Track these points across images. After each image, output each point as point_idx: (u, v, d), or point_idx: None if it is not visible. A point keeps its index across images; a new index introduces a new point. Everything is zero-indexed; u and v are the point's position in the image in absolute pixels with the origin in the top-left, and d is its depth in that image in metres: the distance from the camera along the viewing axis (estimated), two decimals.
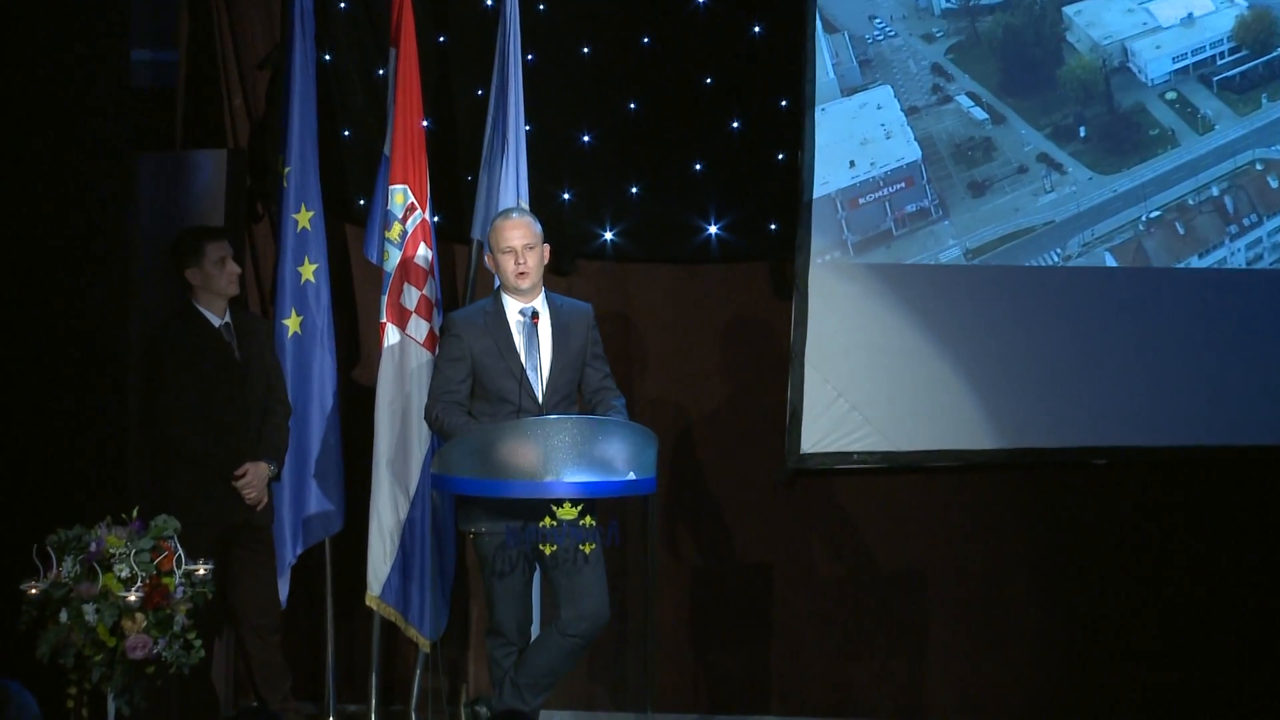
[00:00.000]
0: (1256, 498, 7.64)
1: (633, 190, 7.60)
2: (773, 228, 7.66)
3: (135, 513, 5.61)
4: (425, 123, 7.07)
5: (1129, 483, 7.76)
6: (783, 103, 7.64)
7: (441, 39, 7.40)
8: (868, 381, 7.59)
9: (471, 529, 6.03)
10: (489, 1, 7.37)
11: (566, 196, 7.54)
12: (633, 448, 5.89)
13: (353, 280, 7.41)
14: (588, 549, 5.89)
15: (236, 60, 7.26)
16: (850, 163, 7.61)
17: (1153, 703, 7.61)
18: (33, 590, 5.42)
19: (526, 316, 6.10)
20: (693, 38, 7.59)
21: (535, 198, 7.03)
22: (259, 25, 7.28)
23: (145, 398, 6.54)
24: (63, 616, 5.40)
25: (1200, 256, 7.75)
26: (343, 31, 7.30)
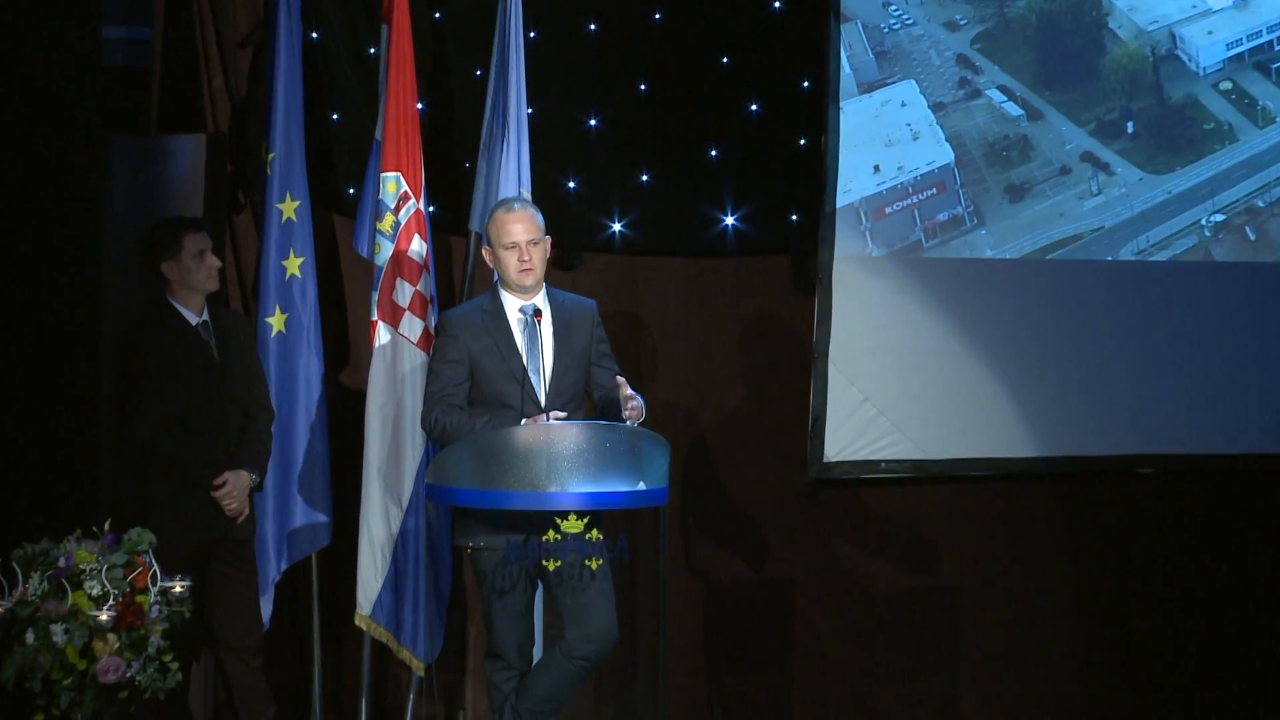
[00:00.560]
0: None
1: (643, 178, 7.61)
2: (794, 219, 7.67)
3: (107, 525, 5.59)
4: (420, 105, 7.03)
5: (1178, 493, 7.77)
6: (805, 84, 7.64)
7: (437, 15, 7.40)
8: (896, 384, 7.59)
9: (469, 543, 5.99)
10: None
11: (571, 185, 7.55)
12: (643, 455, 5.84)
13: (341, 275, 7.39)
14: (594, 564, 5.86)
15: (217, 38, 7.22)
16: (874, 167, 7.57)
17: None
18: None
19: (528, 314, 6.06)
20: (708, 14, 7.60)
21: (538, 187, 7.03)
22: (241, 0, 7.22)
23: (118, 401, 6.51)
24: (29, 637, 5.36)
25: None
26: (331, 7, 7.28)
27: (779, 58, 7.62)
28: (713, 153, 7.63)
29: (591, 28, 7.53)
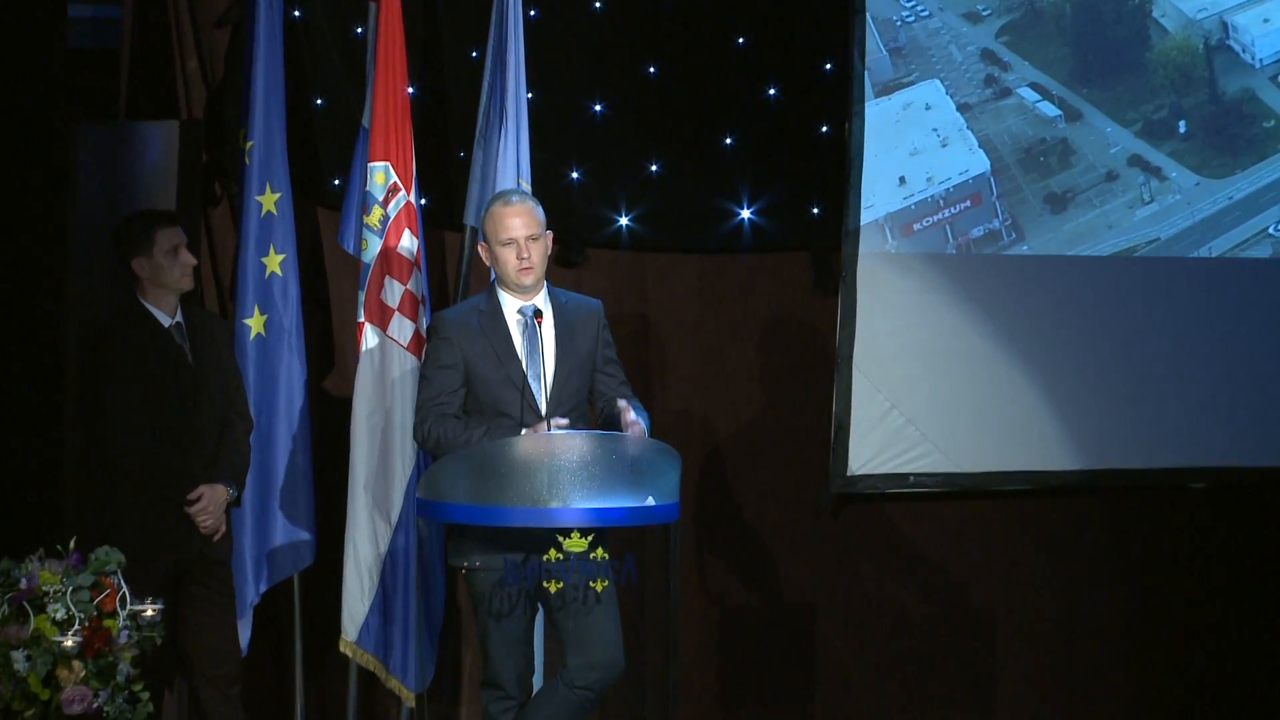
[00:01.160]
0: None
1: (652, 169, 7.62)
2: (815, 211, 7.67)
3: (73, 544, 5.50)
4: (411, 90, 7.04)
5: (1231, 510, 7.76)
6: (827, 66, 7.64)
7: None
8: (925, 391, 7.58)
9: (464, 563, 5.96)
10: None
11: (575, 176, 7.56)
12: (652, 468, 5.82)
13: (326, 273, 7.39)
14: (599, 586, 5.83)
15: (191, 16, 7.22)
16: (899, 179, 7.54)
17: None
18: None
19: (527, 315, 6.04)
20: None
21: (538, 178, 7.02)
22: None
23: (83, 409, 6.48)
24: None
25: None
26: None
27: (799, 38, 7.62)
28: (727, 141, 7.63)
29: (596, 6, 7.55)
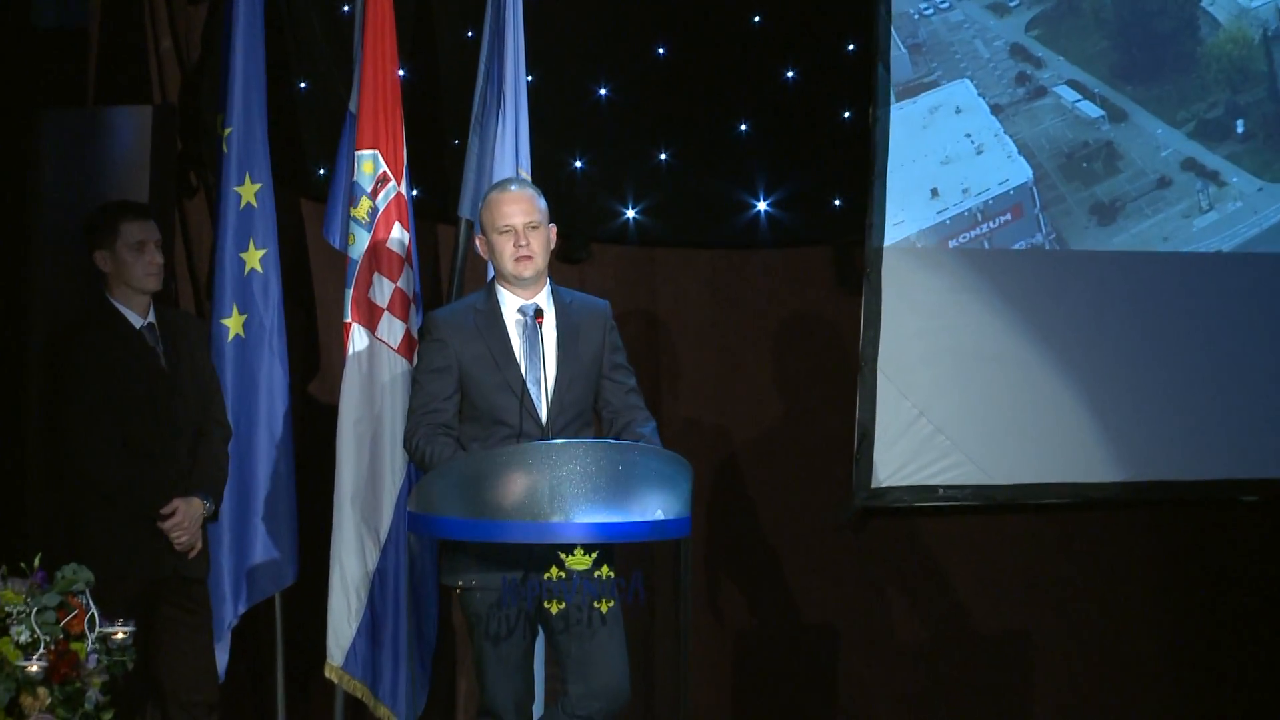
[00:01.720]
0: None
1: (661, 157, 7.64)
2: (836, 203, 7.69)
3: (37, 562, 5.50)
4: (401, 72, 7.04)
5: None
6: (849, 47, 7.65)
7: None
8: (956, 397, 7.59)
9: (458, 582, 5.94)
10: None
11: (578, 165, 7.58)
12: (662, 480, 5.81)
13: (310, 269, 7.40)
14: (604, 607, 5.81)
15: None
16: (932, 191, 7.54)
17: None
18: None
19: (528, 315, 6.02)
20: None
21: (539, 167, 7.02)
22: None
23: (48, 417, 6.48)
24: None
25: None
26: None
27: (819, 17, 7.63)
28: (742, 127, 7.65)
29: None
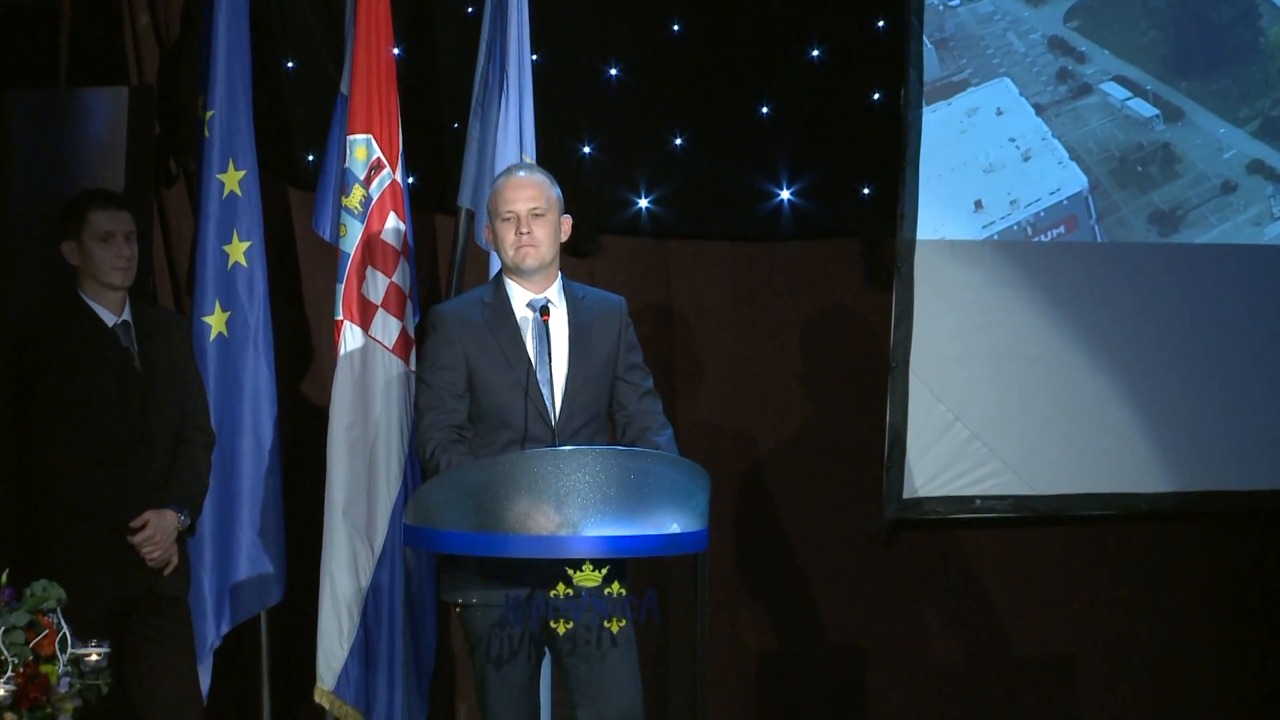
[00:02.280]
0: None
1: (676, 142, 7.65)
2: (865, 192, 7.70)
3: (4, 577, 5.47)
4: (396, 51, 7.04)
5: None
6: (879, 23, 7.66)
7: None
8: (994, 401, 7.60)
9: (459, 599, 5.92)
10: None
11: (587, 151, 7.60)
12: (677, 490, 5.76)
13: (298, 263, 7.41)
14: (615, 627, 5.78)
15: None
16: (975, 204, 7.54)
17: None
18: None
19: (535, 310, 5.97)
20: None
21: (545, 153, 7.01)
22: None
23: (13, 423, 6.43)
24: None
25: None
26: None
27: None
28: (764, 110, 7.66)
29: None
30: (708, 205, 7.63)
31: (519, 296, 6.01)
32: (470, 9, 7.31)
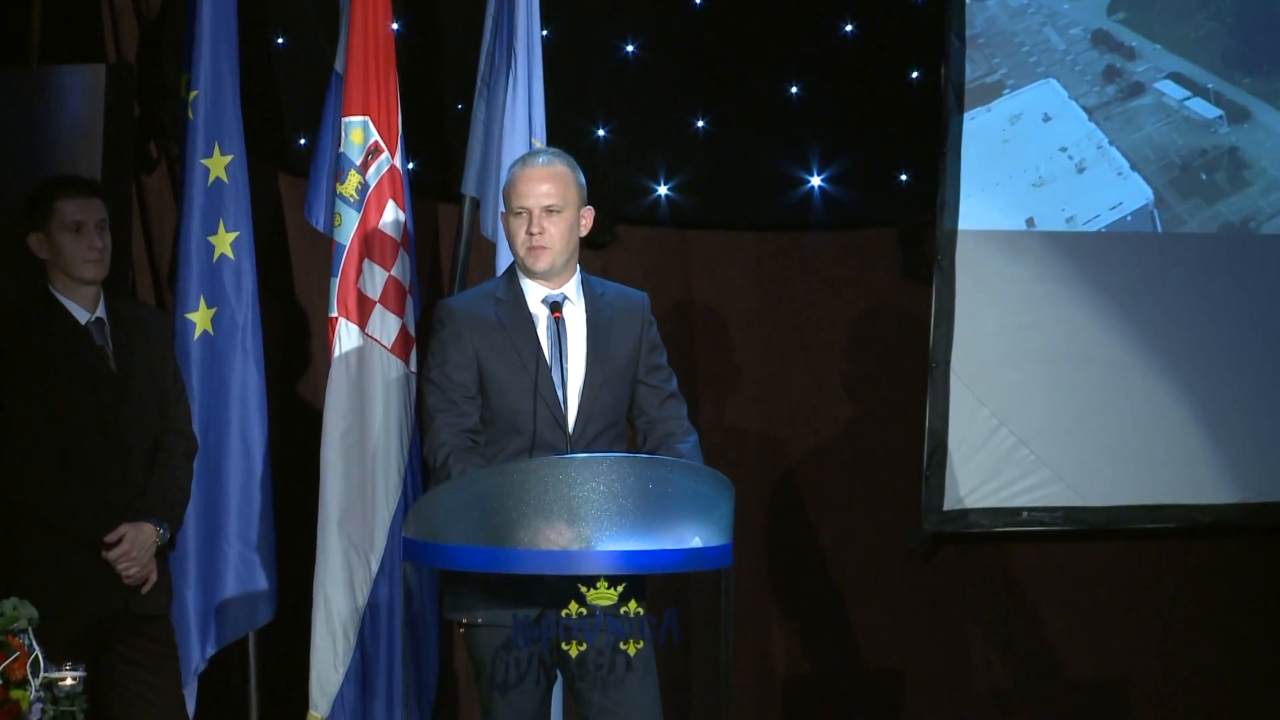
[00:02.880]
0: None
1: (698, 124, 7.67)
2: (903, 178, 7.72)
3: None
4: (396, 26, 7.05)
5: None
6: None
7: None
8: (1042, 405, 7.61)
9: (463, 619, 5.89)
10: None
11: (601, 134, 7.62)
12: (700, 501, 5.73)
13: (289, 255, 7.44)
14: (633, 649, 5.71)
15: None
16: (1027, 221, 7.53)
17: None
18: None
19: (548, 307, 5.94)
20: None
21: (556, 136, 7.00)
22: None
23: None
24: None
25: None
26: None
27: None
28: (793, 90, 7.68)
29: None
30: (732, 192, 7.66)
31: (534, 292, 5.97)
32: None
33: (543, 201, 5.92)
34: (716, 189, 7.63)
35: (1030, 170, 7.53)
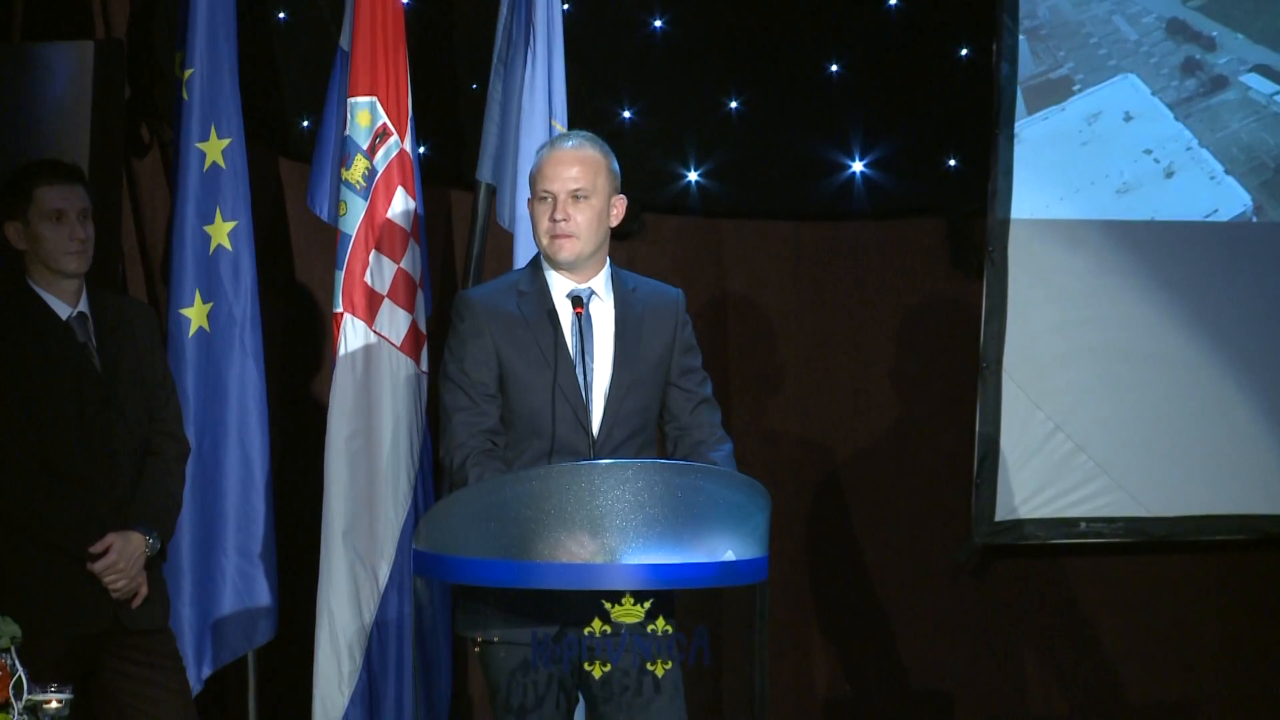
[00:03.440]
0: None
1: (731, 105, 7.65)
2: (951, 163, 7.71)
3: None
4: (405, 0, 7.06)
5: None
6: None
7: None
8: (1103, 407, 7.60)
9: (478, 636, 5.87)
10: None
11: (627, 116, 7.63)
12: (733, 511, 5.70)
13: (291, 247, 7.46)
14: (660, 670, 5.68)
15: None
16: None
17: None
18: None
19: (578, 302, 5.96)
20: None
21: (578, 118, 7.03)
22: None
23: None
24: None
25: None
26: None
27: None
28: (833, 68, 7.67)
29: None
30: (767, 179, 7.67)
31: (559, 285, 5.94)
32: None
33: (569, 186, 5.89)
34: (751, 175, 7.63)
35: (1114, 175, 7.54)
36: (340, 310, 6.83)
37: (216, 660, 6.93)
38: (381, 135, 6.85)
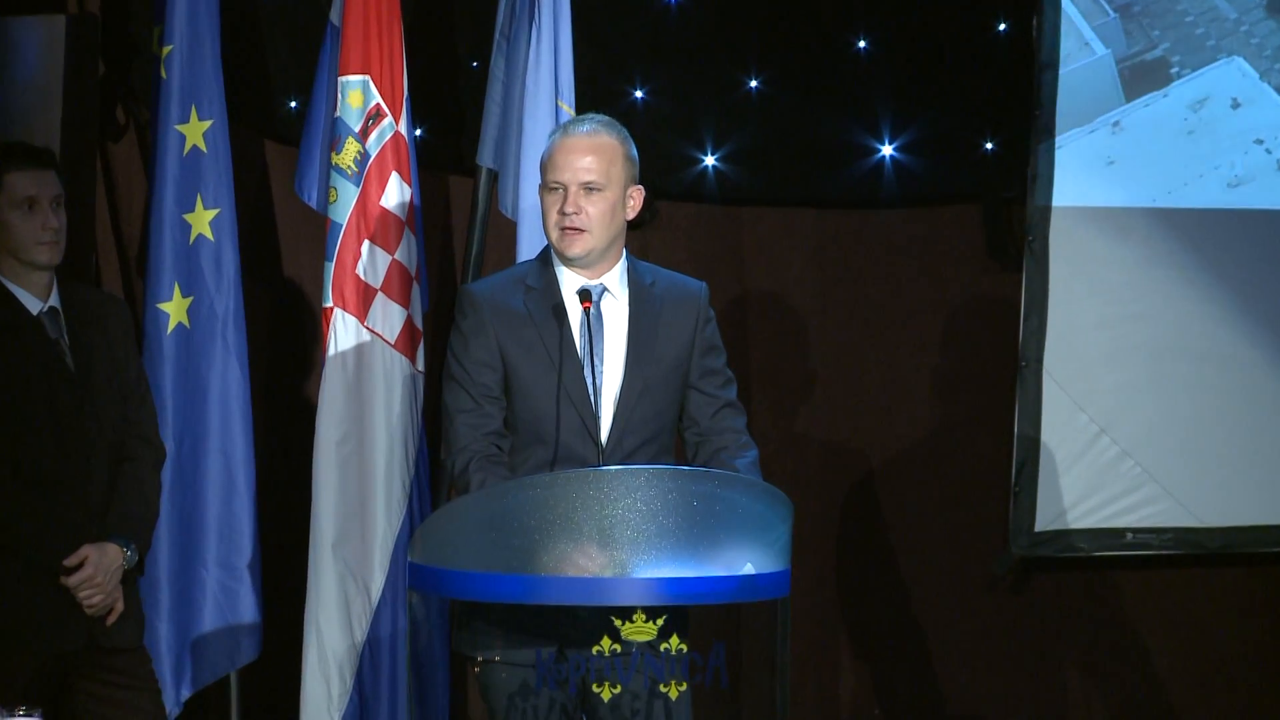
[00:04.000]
0: None
1: (750, 84, 7.65)
2: (988, 147, 7.70)
3: None
4: None
5: None
6: None
7: None
8: (1151, 410, 7.61)
9: (477, 655, 5.86)
10: None
11: (639, 96, 7.64)
12: (753, 521, 5.70)
13: (278, 236, 7.47)
14: (674, 692, 5.68)
15: None
16: None
17: None
18: None
19: (590, 298, 5.96)
20: None
21: (586, 98, 7.05)
22: None
23: None
24: None
25: None
26: None
27: None
28: (860, 44, 7.68)
29: None
30: (790, 164, 7.68)
31: (569, 281, 5.94)
32: None
33: (581, 177, 5.87)
34: (772, 159, 7.64)
35: (1225, 167, 7.56)
36: (330, 305, 6.85)
37: (196, 681, 6.95)
38: (375, 117, 6.87)
